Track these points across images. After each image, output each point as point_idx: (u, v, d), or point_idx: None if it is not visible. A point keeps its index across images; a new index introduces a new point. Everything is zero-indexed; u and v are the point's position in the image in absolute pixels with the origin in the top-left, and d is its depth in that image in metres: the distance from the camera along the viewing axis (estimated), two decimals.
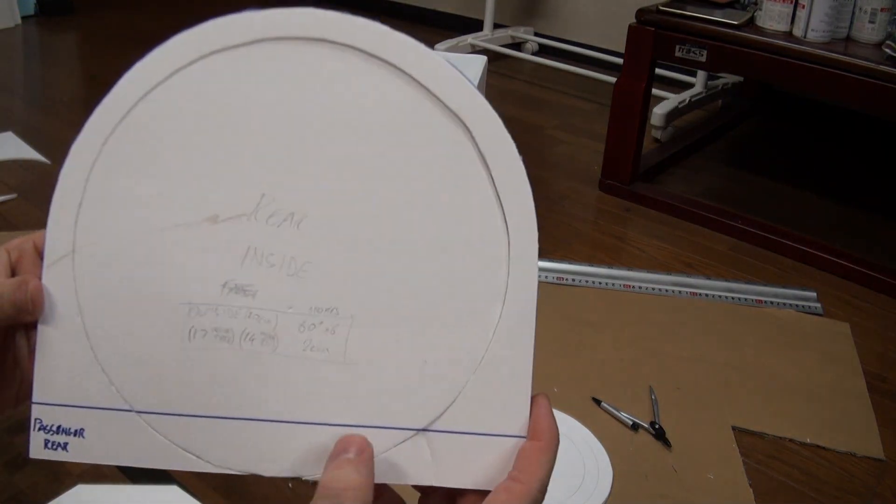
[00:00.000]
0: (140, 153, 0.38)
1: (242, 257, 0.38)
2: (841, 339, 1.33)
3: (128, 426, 0.38)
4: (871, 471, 1.06)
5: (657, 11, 1.68)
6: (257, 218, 0.38)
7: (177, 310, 0.38)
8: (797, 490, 1.03)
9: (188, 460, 0.38)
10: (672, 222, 1.73)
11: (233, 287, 0.38)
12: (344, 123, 0.38)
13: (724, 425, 1.12)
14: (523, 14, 2.93)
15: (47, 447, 0.38)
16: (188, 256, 0.38)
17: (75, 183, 0.39)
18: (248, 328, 0.38)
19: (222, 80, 0.38)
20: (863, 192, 1.94)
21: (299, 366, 0.38)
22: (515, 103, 2.43)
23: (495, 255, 0.38)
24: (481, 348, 0.37)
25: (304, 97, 0.38)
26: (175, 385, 0.38)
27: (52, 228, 0.39)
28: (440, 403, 0.37)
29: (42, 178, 1.81)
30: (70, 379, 0.38)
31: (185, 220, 0.38)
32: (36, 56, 2.80)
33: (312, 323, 0.38)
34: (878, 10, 1.50)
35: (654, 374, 1.21)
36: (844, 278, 1.52)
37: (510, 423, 0.37)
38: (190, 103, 0.38)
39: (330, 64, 0.38)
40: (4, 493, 0.97)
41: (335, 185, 0.38)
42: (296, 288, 0.38)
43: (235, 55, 0.38)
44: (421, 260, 0.38)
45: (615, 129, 1.81)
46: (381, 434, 0.37)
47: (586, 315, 1.36)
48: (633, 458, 1.05)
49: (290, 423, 0.38)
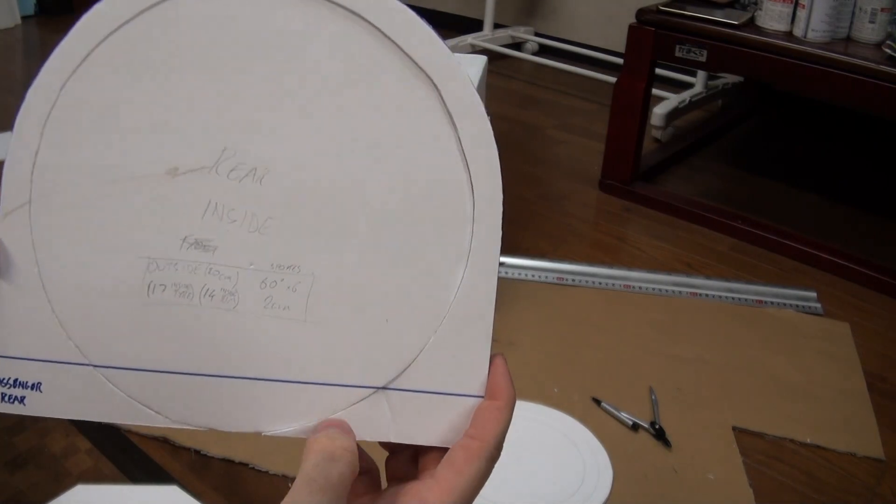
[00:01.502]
0: (99, 98, 0.37)
1: (203, 212, 0.37)
2: (841, 339, 1.33)
3: (86, 380, 0.38)
4: (871, 471, 1.06)
5: (657, 11, 1.68)
6: (218, 172, 0.37)
7: (135, 264, 0.37)
8: (797, 490, 1.03)
9: (147, 415, 0.38)
10: (672, 222, 1.73)
11: (192, 242, 0.37)
12: (311, 77, 0.37)
13: (724, 425, 1.12)
14: (523, 14, 2.94)
15: (4, 400, 0.38)
16: (147, 209, 0.37)
17: (31, 130, 0.37)
18: (207, 284, 0.37)
19: (186, 25, 0.37)
20: (863, 192, 1.94)
21: (259, 323, 0.37)
22: (515, 103, 2.43)
23: (460, 215, 0.37)
24: (443, 308, 0.37)
25: (272, 48, 0.37)
26: (134, 340, 0.38)
27: (8, 176, 0.37)
28: (400, 362, 0.37)
29: None
30: (26, 332, 0.38)
31: (144, 171, 0.37)
32: (36, 56, 2.80)
33: (274, 280, 0.37)
34: (878, 10, 1.50)
35: (654, 374, 1.21)
36: (844, 278, 1.52)
37: (468, 383, 0.38)
38: (152, 49, 0.37)
39: (300, 14, 0.37)
40: (4, 493, 0.97)
41: (299, 141, 0.37)
42: (257, 244, 0.37)
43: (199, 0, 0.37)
44: (384, 218, 0.37)
45: (615, 129, 1.81)
46: (341, 392, 0.37)
47: (586, 315, 1.36)
48: (633, 458, 1.05)
49: (250, 379, 0.38)
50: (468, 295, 0.37)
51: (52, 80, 0.37)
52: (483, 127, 0.37)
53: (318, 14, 0.36)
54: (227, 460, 1.01)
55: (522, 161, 2.02)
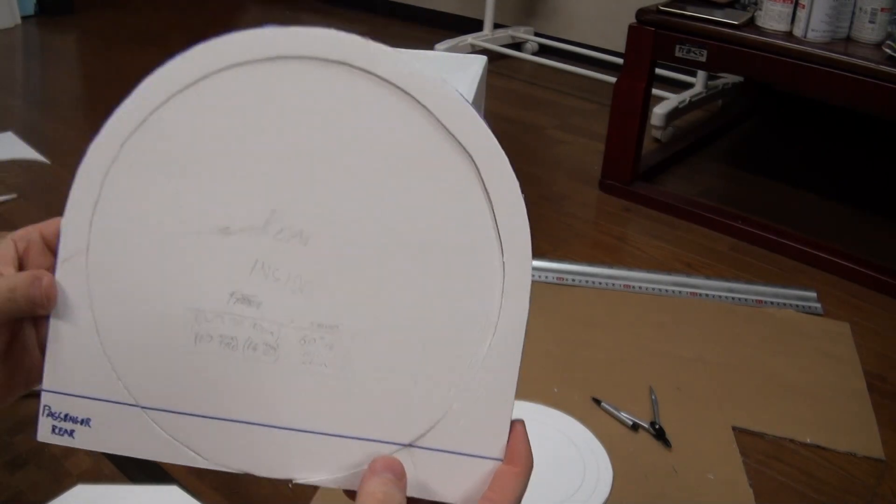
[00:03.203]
0: (158, 158, 0.39)
1: (250, 269, 0.39)
2: (841, 339, 1.33)
3: (132, 420, 0.40)
4: (871, 471, 1.06)
5: (657, 11, 1.68)
6: (267, 232, 0.39)
7: (185, 314, 0.39)
8: (797, 490, 1.03)
9: (188, 456, 0.40)
10: (672, 222, 1.73)
11: (239, 297, 0.39)
12: (356, 147, 0.39)
13: (724, 425, 1.12)
14: (523, 14, 2.94)
15: (54, 432, 0.40)
16: (198, 263, 0.39)
17: (92, 181, 0.40)
18: (251, 337, 0.39)
19: (243, 93, 0.39)
20: (863, 191, 1.94)
21: (298, 377, 0.39)
22: (515, 103, 2.43)
23: (490, 287, 0.39)
24: (469, 373, 0.39)
25: (321, 118, 0.39)
26: (179, 385, 0.40)
27: (68, 224, 0.40)
28: (426, 422, 0.39)
29: (42, 178, 1.81)
30: (79, 370, 0.40)
31: (197, 227, 0.39)
32: (36, 56, 2.80)
33: (313, 337, 0.39)
34: (878, 10, 1.50)
35: (654, 374, 1.21)
36: (844, 278, 1.52)
37: (490, 446, 0.39)
38: (210, 113, 0.39)
39: (348, 87, 0.39)
40: (4, 493, 0.97)
41: (343, 207, 0.39)
42: (299, 303, 0.39)
43: (258, 69, 0.39)
44: (419, 285, 0.39)
45: (615, 129, 1.81)
46: (369, 446, 0.39)
47: (586, 315, 1.36)
48: (633, 458, 1.05)
49: (286, 429, 0.39)
50: (493, 363, 0.39)
51: (113, 137, 0.40)
52: (518, 208, 0.39)
53: (369, 90, 0.38)
54: None
55: (522, 161, 2.02)
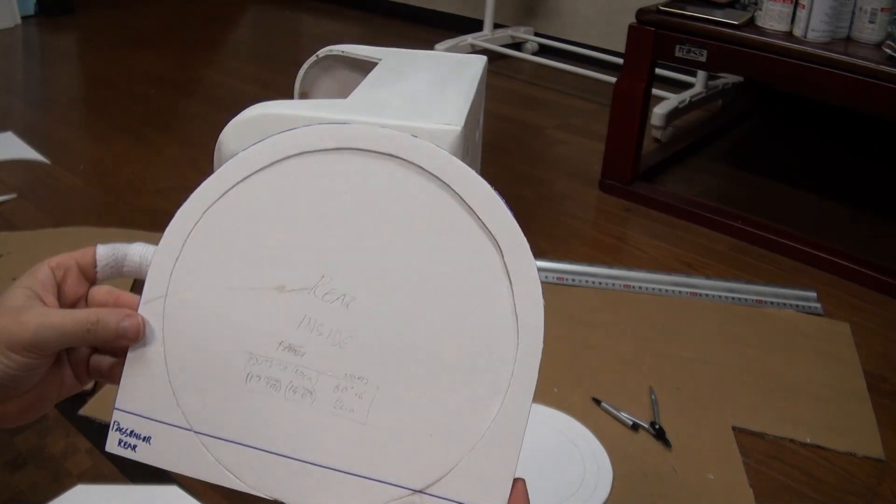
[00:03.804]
0: (231, 225, 0.47)
1: (298, 323, 0.46)
2: (841, 339, 1.33)
3: (186, 442, 0.46)
4: (871, 471, 1.06)
5: (657, 11, 1.68)
6: (315, 293, 0.46)
7: (240, 356, 0.46)
8: (797, 490, 1.03)
9: (229, 479, 0.46)
10: (672, 222, 1.73)
11: (287, 346, 0.46)
12: (399, 228, 0.46)
13: (724, 425, 1.12)
14: (523, 14, 2.94)
15: (120, 445, 0.47)
16: (256, 314, 0.46)
17: (176, 239, 0.47)
18: (293, 381, 0.46)
19: (306, 177, 0.47)
20: (863, 191, 1.94)
21: (329, 419, 0.45)
22: (515, 103, 2.43)
23: (504, 358, 0.44)
24: (478, 432, 0.44)
25: (369, 200, 0.46)
26: (229, 416, 0.46)
27: (153, 272, 0.47)
28: (437, 471, 0.44)
29: (42, 178, 1.81)
30: (147, 395, 0.47)
31: (258, 284, 0.47)
32: (36, 56, 2.80)
33: (345, 386, 0.45)
34: (878, 10, 1.50)
35: (654, 374, 1.21)
36: (844, 278, 1.52)
37: (492, 501, 0.43)
38: (278, 192, 0.47)
39: (395, 177, 0.46)
40: (4, 493, 0.97)
41: (382, 278, 0.46)
42: (337, 356, 0.46)
43: (321, 158, 0.47)
44: (441, 351, 0.45)
45: (615, 129, 1.81)
46: (384, 488, 0.44)
47: (586, 315, 1.36)
48: (633, 458, 1.05)
49: (315, 465, 0.45)
50: (501, 425, 0.44)
51: (197, 205, 0.47)
52: (535, 290, 0.44)
53: (411, 178, 0.46)
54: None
55: (522, 161, 2.02)
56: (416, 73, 1.32)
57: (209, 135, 1.21)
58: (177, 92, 2.42)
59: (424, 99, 1.20)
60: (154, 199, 1.73)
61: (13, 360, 0.43)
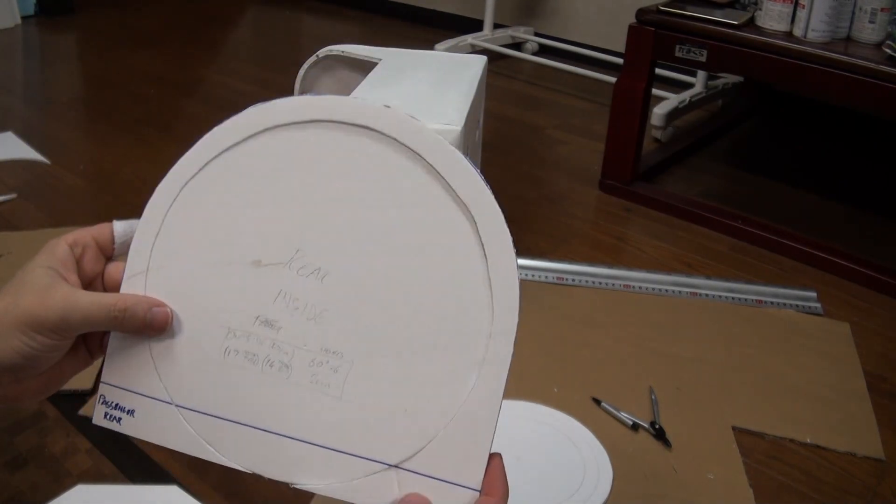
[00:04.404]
0: (208, 201, 0.47)
1: (274, 297, 0.46)
2: (841, 339, 1.33)
3: (167, 415, 0.47)
4: (871, 471, 1.06)
5: (657, 11, 1.68)
6: (290, 267, 0.46)
7: (218, 331, 0.47)
8: (797, 490, 1.03)
9: (208, 452, 0.46)
10: (672, 222, 1.73)
11: (263, 320, 0.46)
12: (372, 200, 0.46)
13: (724, 425, 1.12)
14: (523, 14, 2.94)
15: (105, 418, 0.48)
16: (233, 289, 0.47)
17: (156, 216, 0.48)
18: (270, 355, 0.46)
19: (281, 150, 0.47)
20: (863, 191, 1.94)
21: (304, 393, 0.45)
22: (515, 103, 2.43)
23: (479, 330, 0.44)
24: (454, 407, 0.43)
25: (343, 172, 0.46)
26: (208, 390, 0.46)
27: (134, 249, 0.48)
28: (412, 446, 0.44)
29: (42, 178, 1.81)
30: (131, 369, 0.47)
31: (234, 259, 0.47)
32: (36, 56, 2.80)
33: (321, 361, 0.45)
34: (878, 10, 1.50)
35: (654, 374, 1.21)
36: (844, 278, 1.52)
37: (469, 476, 0.43)
38: (252, 166, 0.47)
39: (367, 149, 0.46)
40: (4, 493, 0.97)
41: (356, 251, 0.46)
42: (312, 330, 0.45)
43: (293, 131, 0.47)
44: (416, 324, 0.44)
45: (615, 129, 1.81)
46: (359, 462, 0.44)
47: (586, 315, 1.36)
48: (633, 458, 1.05)
49: (292, 438, 0.45)
50: (477, 399, 0.43)
51: (174, 182, 0.48)
52: (509, 260, 0.44)
53: (382, 149, 0.46)
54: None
55: (522, 161, 2.02)
56: (416, 73, 1.32)
57: None
58: (177, 92, 2.42)
59: (424, 99, 1.20)
60: None
61: (37, 340, 0.43)
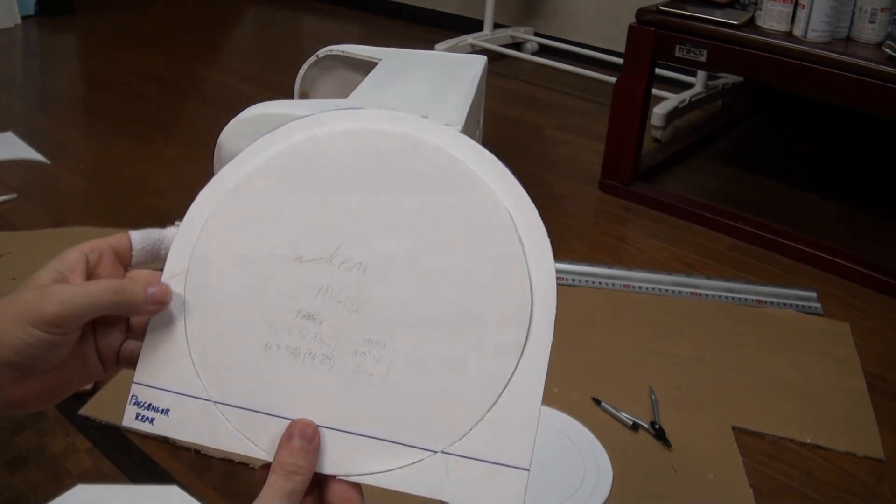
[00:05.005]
0: (251, 201, 0.48)
1: (316, 292, 0.47)
2: (841, 339, 1.33)
3: (205, 412, 0.46)
4: (871, 471, 1.06)
5: (657, 11, 1.68)
6: (332, 262, 0.47)
7: (259, 326, 0.47)
8: (797, 490, 1.03)
9: (247, 447, 0.46)
10: (672, 222, 1.73)
11: (305, 314, 0.46)
12: (410, 193, 0.47)
13: (724, 425, 1.12)
14: (523, 14, 2.93)
15: (137, 419, 0.47)
16: (274, 285, 0.47)
17: (199, 216, 0.48)
18: (312, 348, 0.46)
19: (320, 151, 0.49)
20: (863, 191, 1.94)
21: (347, 384, 0.46)
22: (515, 103, 2.43)
23: (520, 317, 0.45)
24: (498, 388, 0.44)
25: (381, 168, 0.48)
26: (248, 385, 0.46)
27: (175, 249, 0.48)
28: (456, 431, 0.44)
29: (42, 178, 1.81)
30: (167, 369, 0.47)
31: (276, 256, 0.47)
32: (36, 56, 2.80)
33: (364, 351, 0.46)
34: (878, 10, 1.50)
35: (654, 374, 1.21)
36: (844, 278, 1.52)
37: (517, 457, 0.44)
38: (294, 167, 0.48)
39: (404, 148, 0.48)
40: (4, 493, 0.97)
41: (397, 244, 0.47)
42: (354, 322, 0.46)
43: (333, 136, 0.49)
44: (456, 312, 0.45)
45: (615, 129, 1.81)
46: (404, 450, 0.45)
47: (586, 315, 1.36)
48: (633, 458, 1.05)
49: (333, 429, 0.45)
50: (521, 381, 0.44)
51: (218, 186, 0.49)
52: (545, 249, 0.46)
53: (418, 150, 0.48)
54: (228, 460, 1.01)
55: (522, 161, 2.02)
56: (416, 73, 1.32)
57: (209, 135, 1.21)
58: (177, 92, 2.42)
59: (424, 99, 1.20)
60: (154, 199, 1.73)
61: (34, 335, 0.42)
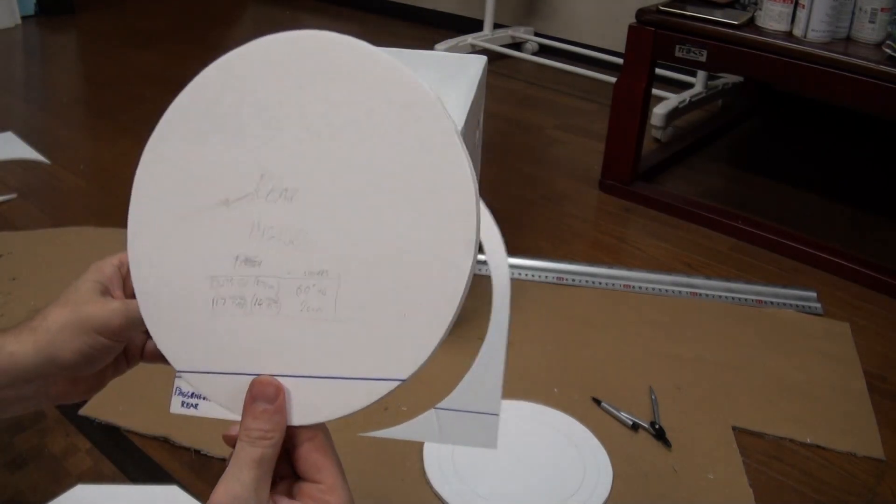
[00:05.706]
0: (171, 153, 0.45)
1: (249, 232, 0.43)
2: (841, 339, 1.33)
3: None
4: (871, 471, 1.06)
5: (657, 11, 1.68)
6: (258, 195, 0.43)
7: (203, 282, 0.44)
8: (797, 490, 1.03)
9: (218, 412, 0.45)
10: (672, 222, 1.73)
11: (243, 259, 0.44)
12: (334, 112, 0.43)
13: (724, 425, 1.12)
14: (523, 14, 2.93)
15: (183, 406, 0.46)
16: (209, 236, 0.44)
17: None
18: (256, 294, 0.43)
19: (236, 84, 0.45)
20: (863, 191, 1.94)
21: (298, 325, 0.43)
22: (515, 103, 2.43)
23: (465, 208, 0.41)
24: (453, 306, 0.41)
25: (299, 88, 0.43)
26: (202, 348, 0.44)
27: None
28: (418, 358, 0.41)
29: (42, 178, 1.81)
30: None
31: (203, 204, 0.44)
32: (36, 56, 2.80)
33: (307, 286, 0.42)
34: (878, 10, 1.50)
35: (654, 374, 1.21)
36: (844, 278, 1.51)
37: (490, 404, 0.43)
38: (207, 108, 0.45)
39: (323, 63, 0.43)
40: (4, 493, 0.97)
41: (323, 164, 0.42)
42: (292, 255, 0.43)
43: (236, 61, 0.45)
44: (398, 230, 0.41)
45: (615, 129, 1.81)
46: (369, 385, 0.42)
47: (586, 315, 1.36)
48: (633, 458, 1.05)
49: (295, 376, 0.43)
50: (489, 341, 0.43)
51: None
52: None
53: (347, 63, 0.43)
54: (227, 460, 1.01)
55: (522, 161, 2.02)
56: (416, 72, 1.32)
57: None
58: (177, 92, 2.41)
59: None
60: None
61: (100, 342, 0.47)
